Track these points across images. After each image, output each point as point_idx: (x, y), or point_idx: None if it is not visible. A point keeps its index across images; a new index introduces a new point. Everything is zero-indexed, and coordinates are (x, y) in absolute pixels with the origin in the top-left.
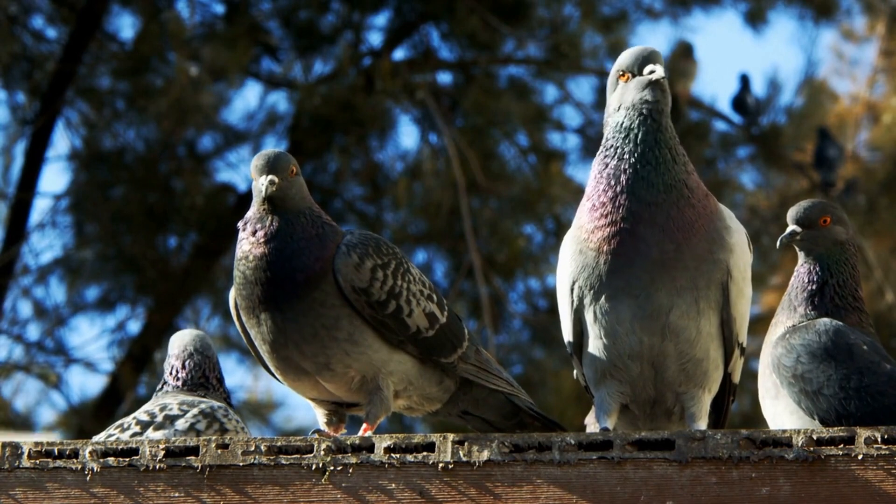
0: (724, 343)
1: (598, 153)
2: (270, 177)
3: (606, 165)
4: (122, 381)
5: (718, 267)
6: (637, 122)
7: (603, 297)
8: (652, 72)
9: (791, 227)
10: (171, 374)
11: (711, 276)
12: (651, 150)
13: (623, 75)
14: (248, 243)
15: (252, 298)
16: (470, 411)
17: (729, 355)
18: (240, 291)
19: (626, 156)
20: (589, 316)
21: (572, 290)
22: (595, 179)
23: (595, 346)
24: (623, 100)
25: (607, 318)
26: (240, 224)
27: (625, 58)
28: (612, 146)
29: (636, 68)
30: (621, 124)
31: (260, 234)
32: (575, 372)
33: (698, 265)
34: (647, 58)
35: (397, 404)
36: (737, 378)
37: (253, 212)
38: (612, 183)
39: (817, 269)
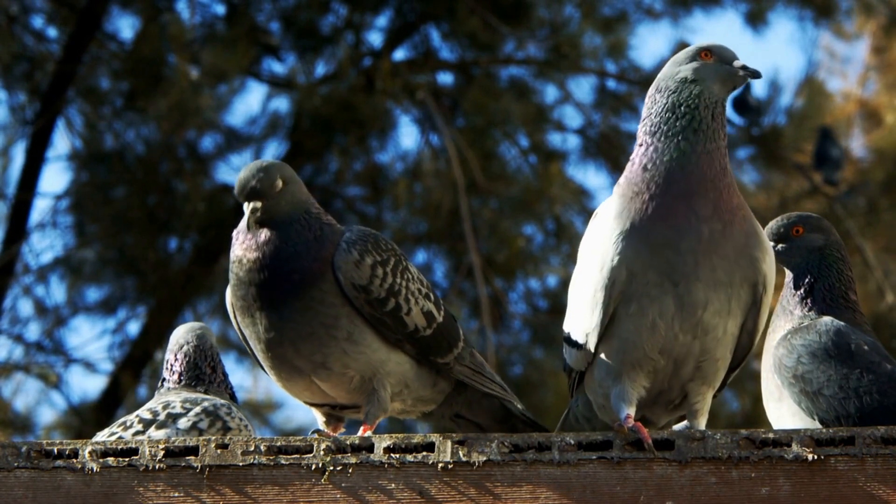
0: (738, 349)
1: (653, 115)
2: (252, 205)
3: (676, 137)
4: (121, 383)
5: (753, 266)
6: (721, 100)
7: (648, 281)
8: (745, 67)
9: None
10: (167, 368)
11: (746, 272)
12: (722, 129)
13: (707, 55)
14: (240, 248)
15: (247, 299)
16: (463, 414)
17: (738, 361)
18: (235, 292)
19: (700, 129)
20: (631, 305)
21: (612, 270)
22: (658, 150)
23: (629, 337)
24: (704, 75)
25: (650, 310)
26: (234, 233)
27: (714, 44)
28: (685, 115)
29: (724, 57)
30: (700, 95)
31: (251, 242)
32: (577, 358)
33: (737, 258)
34: (736, 56)
35: (392, 407)
36: (729, 380)
37: (245, 223)
38: (680, 154)
39: (802, 276)
